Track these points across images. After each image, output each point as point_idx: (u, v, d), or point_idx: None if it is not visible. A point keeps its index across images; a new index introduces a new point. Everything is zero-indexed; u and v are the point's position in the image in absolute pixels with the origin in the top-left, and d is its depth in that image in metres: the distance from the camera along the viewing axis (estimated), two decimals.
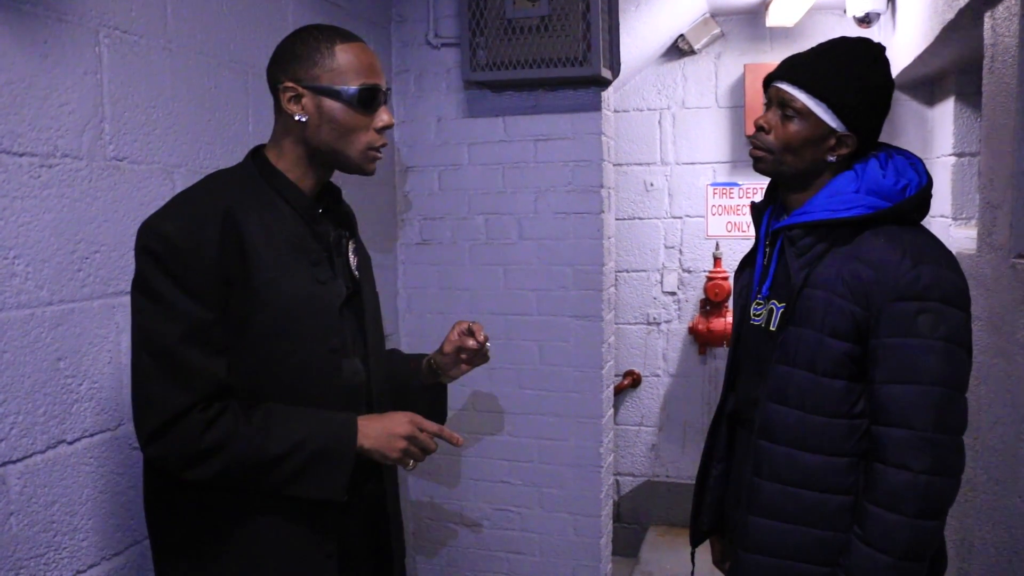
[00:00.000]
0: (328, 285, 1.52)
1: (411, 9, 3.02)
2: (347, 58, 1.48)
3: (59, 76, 1.60)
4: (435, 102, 3.03)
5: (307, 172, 1.53)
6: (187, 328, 1.35)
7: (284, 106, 1.49)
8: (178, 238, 1.36)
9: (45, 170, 1.58)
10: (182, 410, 1.35)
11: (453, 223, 3.04)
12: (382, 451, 1.49)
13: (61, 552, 1.61)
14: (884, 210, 1.51)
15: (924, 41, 2.84)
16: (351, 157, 1.52)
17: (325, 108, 1.48)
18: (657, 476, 4.18)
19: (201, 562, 1.46)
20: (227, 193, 1.45)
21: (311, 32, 1.51)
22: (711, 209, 3.99)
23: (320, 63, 1.47)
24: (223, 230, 1.39)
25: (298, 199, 1.52)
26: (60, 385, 1.62)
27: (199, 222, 1.38)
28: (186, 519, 1.46)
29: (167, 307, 1.35)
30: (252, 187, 1.49)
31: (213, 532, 1.46)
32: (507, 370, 3.02)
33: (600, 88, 2.84)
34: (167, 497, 1.47)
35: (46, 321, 1.58)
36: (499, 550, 3.10)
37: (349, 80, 1.48)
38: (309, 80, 1.47)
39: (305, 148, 1.51)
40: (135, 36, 1.79)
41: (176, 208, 1.43)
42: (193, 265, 1.36)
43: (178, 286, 1.35)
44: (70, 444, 1.64)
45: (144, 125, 1.83)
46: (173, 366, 1.35)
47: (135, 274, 1.40)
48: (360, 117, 1.50)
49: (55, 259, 1.60)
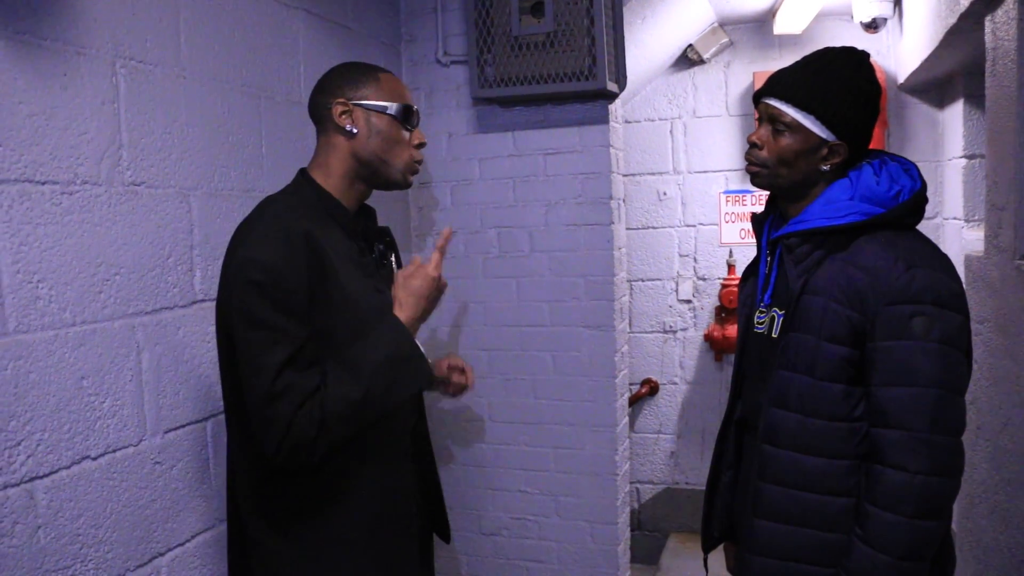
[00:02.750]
0: (384, 294, 1.67)
1: (420, 29, 3.08)
2: (388, 83, 1.70)
3: (78, 106, 1.67)
4: (446, 119, 3.08)
5: (351, 189, 1.69)
6: (292, 350, 1.49)
7: (336, 120, 1.65)
8: (276, 264, 1.49)
9: (66, 197, 1.64)
10: (292, 419, 1.48)
11: (466, 237, 3.09)
12: (423, 312, 1.65)
13: (87, 564, 1.67)
14: (878, 216, 1.54)
15: (930, 45, 2.85)
16: (396, 168, 1.70)
17: (373, 121, 1.66)
18: (676, 483, 4.19)
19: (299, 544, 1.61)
20: (301, 216, 1.58)
21: (353, 64, 1.74)
22: (724, 217, 4.01)
23: (366, 84, 1.67)
24: (308, 253, 1.52)
25: (345, 217, 1.67)
26: (84, 403, 1.68)
27: (292, 248, 1.51)
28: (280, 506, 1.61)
29: (274, 333, 1.48)
30: (312, 208, 1.64)
31: (306, 514, 1.60)
32: (522, 381, 3.06)
33: (607, 101, 2.88)
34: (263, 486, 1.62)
35: (69, 342, 1.65)
36: (518, 559, 3.13)
37: (392, 99, 1.68)
38: (358, 98, 1.66)
39: (353, 162, 1.67)
40: (150, 65, 1.86)
41: (262, 237, 1.54)
42: (291, 287, 1.50)
43: (280, 311, 1.49)
44: (94, 460, 1.70)
45: (160, 151, 1.89)
46: (283, 388, 1.48)
47: (237, 302, 1.51)
48: (403, 131, 1.69)
49: (77, 282, 1.67)
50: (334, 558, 1.62)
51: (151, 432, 1.85)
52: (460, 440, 3.15)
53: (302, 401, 1.49)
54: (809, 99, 1.57)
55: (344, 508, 1.62)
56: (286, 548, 1.61)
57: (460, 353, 3.12)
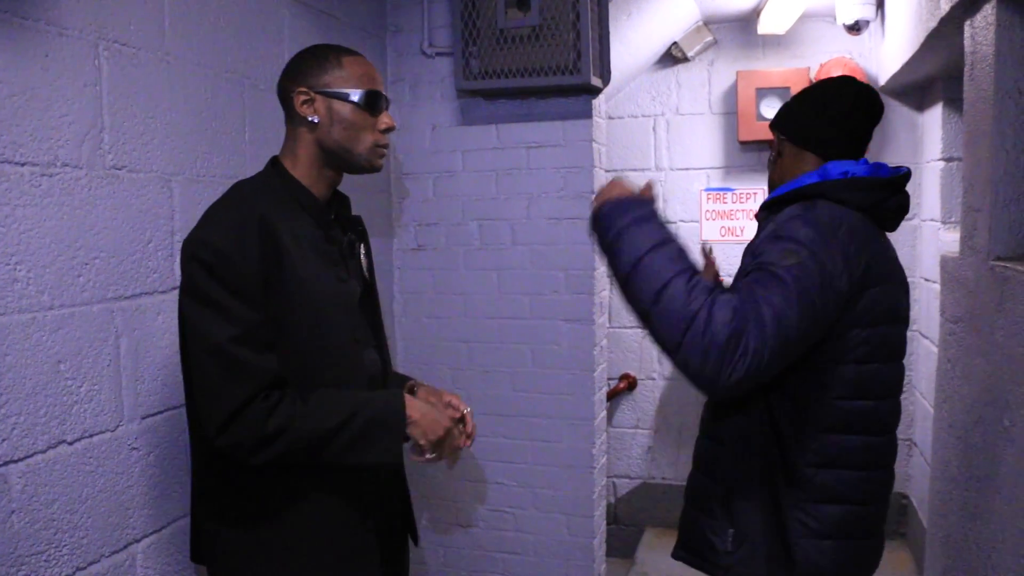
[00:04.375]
0: (348, 283, 1.67)
1: (406, 20, 3.08)
2: (352, 68, 1.66)
3: (59, 88, 1.66)
4: (430, 110, 3.08)
5: (320, 176, 1.68)
6: (241, 330, 1.48)
7: (297, 109, 1.63)
8: (225, 247, 1.48)
9: (46, 179, 1.63)
10: (244, 401, 1.47)
11: (447, 229, 3.09)
12: (424, 429, 1.63)
13: (62, 549, 1.66)
14: (812, 185, 1.73)
15: (911, 48, 2.88)
16: (360, 154, 1.67)
17: (335, 109, 1.64)
18: (653, 478, 4.22)
19: (256, 536, 1.61)
20: (258, 201, 1.58)
21: (319, 47, 1.69)
22: (705, 214, 4.03)
23: (329, 71, 1.64)
24: (261, 236, 1.51)
25: (314, 205, 1.66)
26: (60, 387, 1.66)
27: (241, 231, 1.51)
28: (240, 499, 1.61)
29: (222, 311, 1.48)
30: (276, 195, 1.63)
31: (266, 510, 1.60)
32: (501, 373, 3.07)
33: (591, 96, 2.89)
34: (223, 480, 1.61)
35: (47, 325, 1.63)
36: (494, 551, 3.15)
37: (355, 85, 1.65)
38: (320, 86, 1.63)
39: (318, 149, 1.65)
40: (133, 48, 1.85)
41: (217, 220, 1.56)
42: (241, 271, 1.49)
43: (229, 292, 1.48)
44: (70, 444, 1.69)
45: (142, 135, 1.88)
46: (232, 364, 1.47)
47: (185, 283, 1.53)
48: (366, 117, 1.66)
49: (55, 265, 1.65)
50: (291, 554, 1.61)
51: (128, 418, 1.83)
52: None
53: (260, 387, 1.48)
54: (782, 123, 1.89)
55: (304, 505, 1.62)
56: (243, 541, 1.61)
57: (440, 345, 3.12)
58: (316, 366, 1.60)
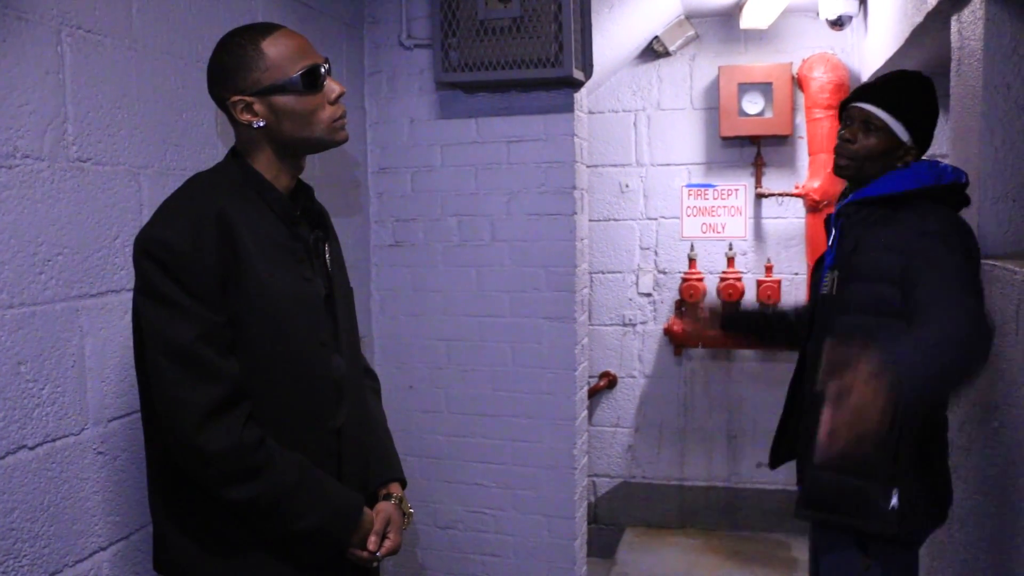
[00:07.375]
0: (312, 283, 1.58)
1: (384, 10, 3.01)
2: (277, 51, 1.50)
3: (18, 76, 1.58)
4: (407, 103, 3.01)
5: (281, 169, 1.57)
6: (202, 329, 1.40)
7: (239, 118, 1.51)
8: (179, 244, 1.40)
9: (4, 171, 1.55)
10: (217, 403, 1.39)
11: (426, 225, 3.03)
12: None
13: (21, 560, 1.58)
14: (920, 188, 1.85)
15: (895, 44, 2.86)
16: (318, 137, 1.55)
17: (277, 106, 1.50)
18: (633, 477, 4.19)
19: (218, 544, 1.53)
20: (216, 196, 1.48)
21: (233, 40, 1.52)
22: (686, 210, 4.00)
23: (255, 67, 1.48)
24: (219, 233, 1.43)
25: (277, 201, 1.56)
26: (21, 389, 1.59)
27: (197, 227, 1.42)
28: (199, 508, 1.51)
29: (180, 310, 1.39)
30: (236, 189, 1.53)
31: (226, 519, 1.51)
32: (480, 372, 3.02)
33: (572, 89, 2.84)
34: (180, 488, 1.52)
35: (6, 324, 1.55)
36: (473, 552, 3.09)
37: (287, 70, 1.49)
38: (252, 87, 1.49)
39: (274, 147, 1.55)
40: (98, 35, 1.77)
41: (171, 215, 1.46)
42: (196, 270, 1.40)
43: (185, 291, 1.39)
44: (31, 449, 1.61)
45: (109, 126, 1.80)
46: (196, 364, 1.39)
47: (140, 282, 1.43)
48: (312, 99, 1.52)
49: (15, 261, 1.57)
50: (251, 562, 1.53)
51: (94, 421, 1.76)
52: (416, 431, 3.09)
53: (228, 390, 1.41)
54: (898, 107, 1.90)
55: None
56: (200, 549, 1.52)
57: (418, 344, 3.06)
58: (278, 373, 1.50)
